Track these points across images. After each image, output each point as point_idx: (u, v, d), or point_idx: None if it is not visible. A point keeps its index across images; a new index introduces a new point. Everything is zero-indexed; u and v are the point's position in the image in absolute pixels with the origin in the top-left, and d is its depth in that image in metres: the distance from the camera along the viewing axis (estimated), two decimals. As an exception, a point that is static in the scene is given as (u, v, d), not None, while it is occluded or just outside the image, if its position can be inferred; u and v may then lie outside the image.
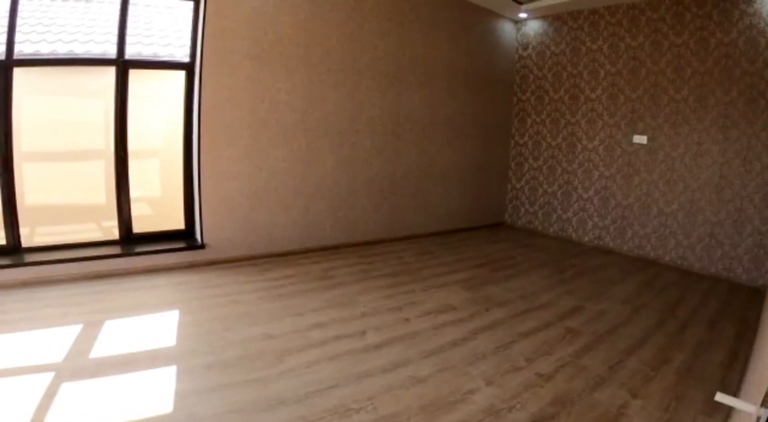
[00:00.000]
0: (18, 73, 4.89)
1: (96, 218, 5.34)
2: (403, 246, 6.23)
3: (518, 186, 7.79)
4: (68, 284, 4.50)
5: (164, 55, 5.39)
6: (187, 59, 5.05)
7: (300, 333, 3.60)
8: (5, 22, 4.71)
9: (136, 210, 5.06)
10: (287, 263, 5.21)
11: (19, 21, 5.34)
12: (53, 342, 3.36)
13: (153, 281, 4.58)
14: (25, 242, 4.87)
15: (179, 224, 5.19)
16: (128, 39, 5.19)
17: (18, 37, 5.20)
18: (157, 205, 5.63)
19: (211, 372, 3.03)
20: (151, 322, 3.74)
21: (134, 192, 4.99)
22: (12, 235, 4.83)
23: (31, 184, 5.09)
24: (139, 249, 4.84)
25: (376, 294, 4.48)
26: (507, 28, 7.37)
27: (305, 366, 3.13)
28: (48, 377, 2.89)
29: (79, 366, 3.02)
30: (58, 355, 3.16)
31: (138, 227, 5.03)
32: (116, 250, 4.81)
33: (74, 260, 4.57)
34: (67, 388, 2.79)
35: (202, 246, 4.95)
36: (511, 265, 5.66)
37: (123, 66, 4.86)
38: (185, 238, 5.16)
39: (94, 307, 3.99)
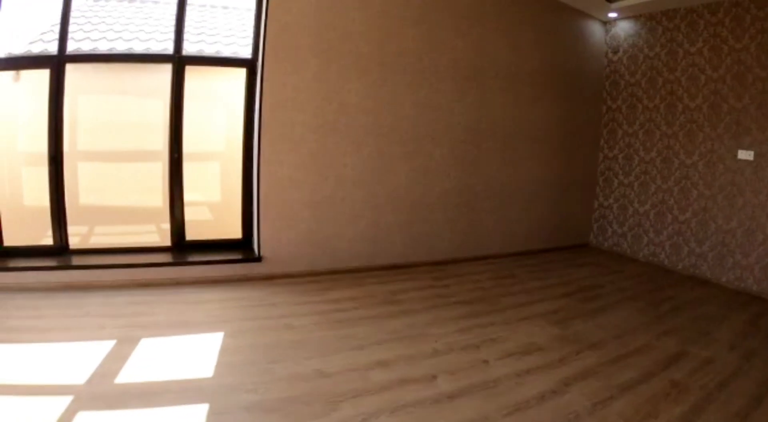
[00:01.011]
0: (75, 71, 4.69)
1: (148, 222, 5.05)
2: (481, 268, 5.50)
3: (606, 204, 6.95)
4: (112, 291, 4.24)
5: (227, 53, 5.09)
6: (248, 56, 4.69)
7: (358, 373, 3.02)
8: (58, 19, 4.45)
9: (193, 216, 4.72)
10: (351, 282, 4.65)
11: (82, 20, 5.24)
12: (81, 358, 3.07)
13: (202, 295, 4.18)
14: (77, 243, 4.68)
15: (236, 233, 4.78)
16: (191, 38, 4.91)
17: (78, 35, 5.04)
18: (215, 212, 5.26)
19: (249, 416, 2.52)
20: (190, 344, 3.33)
21: (191, 197, 4.66)
22: (60, 236, 4.64)
23: (85, 184, 4.90)
24: (190, 258, 4.49)
25: (449, 327, 3.81)
26: (595, 30, 6.57)
27: (361, 420, 2.55)
28: (64, 402, 2.58)
29: (100, 392, 2.69)
30: (81, 375, 2.86)
31: (192, 234, 4.68)
32: (166, 258, 4.49)
33: (121, 266, 4.30)
34: (81, 419, 2.45)
35: (259, 259, 4.50)
36: (600, 295, 4.84)
37: (179, 62, 4.51)
38: (241, 249, 4.73)
39: (134, 321, 3.68)
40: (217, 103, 5.08)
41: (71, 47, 4.70)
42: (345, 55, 4.63)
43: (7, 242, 4.70)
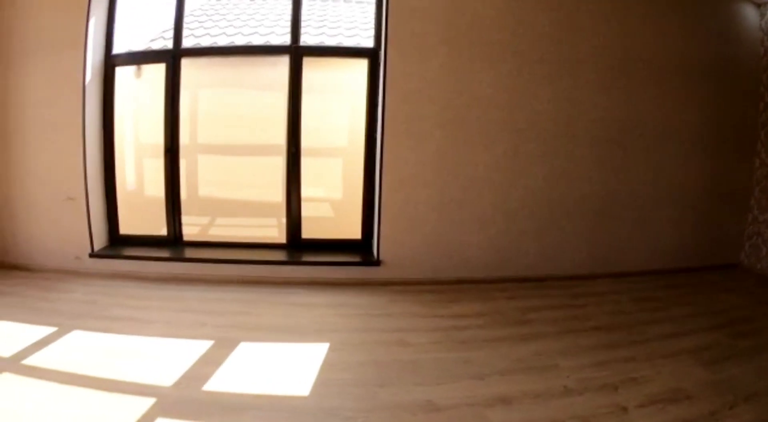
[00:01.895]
0: (195, 66, 4.58)
1: (265, 218, 4.89)
2: (621, 286, 4.72)
3: (761, 219, 5.95)
4: (221, 286, 4.17)
5: (348, 44, 4.78)
6: (370, 44, 4.32)
7: (475, 410, 2.50)
8: (172, 14, 4.51)
9: (311, 213, 4.51)
10: (477, 295, 4.10)
11: (203, 17, 5.16)
12: (174, 357, 3.03)
13: (312, 298, 3.90)
14: (192, 235, 4.71)
15: (355, 233, 4.46)
16: (311, 30, 4.68)
17: (198, 31, 4.96)
18: (335, 210, 4.96)
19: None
20: (291, 353, 3.09)
21: (311, 193, 4.47)
22: (174, 227, 4.68)
23: (204, 176, 4.83)
24: (304, 258, 4.24)
25: (584, 358, 3.14)
26: (747, 13, 5.61)
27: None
28: (145, 404, 2.49)
29: (185, 398, 2.57)
30: (170, 376, 2.78)
31: (309, 232, 4.45)
32: (280, 256, 4.28)
33: (232, 261, 4.19)
34: (159, 427, 2.29)
35: (378, 263, 4.13)
36: (756, 330, 3.89)
37: (295, 53, 4.25)
38: (360, 251, 4.40)
39: (236, 321, 3.56)
40: (339, 97, 4.79)
41: (191, 43, 4.63)
42: (475, 42, 4.14)
43: (125, 230, 4.89)
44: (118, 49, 4.71)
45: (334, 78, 4.68)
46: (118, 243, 4.83)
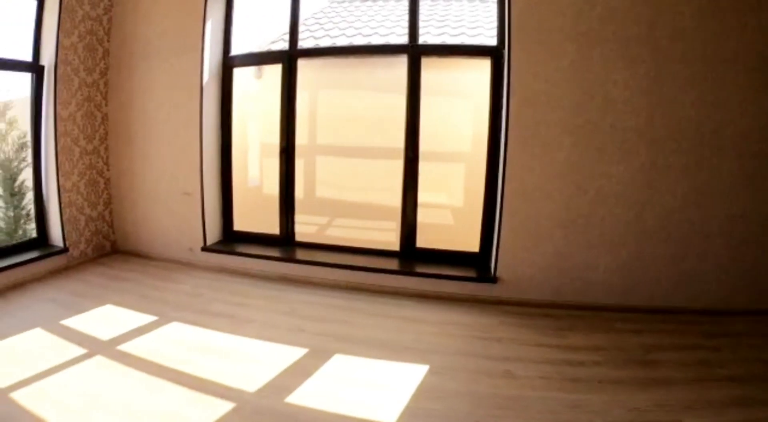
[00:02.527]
0: (314, 68, 4.56)
1: (380, 223, 4.75)
2: (763, 326, 3.93)
3: None
4: (326, 291, 4.11)
5: (469, 43, 4.53)
6: (492, 42, 4.03)
7: None
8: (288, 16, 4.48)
9: (428, 220, 4.30)
10: (597, 325, 3.63)
11: (324, 20, 5.15)
12: (264, 361, 3.00)
13: (419, 312, 3.67)
14: (306, 235, 4.67)
15: (473, 245, 4.15)
16: (432, 31, 4.49)
17: (317, 33, 4.94)
18: (454, 218, 4.73)
19: None
20: (385, 373, 2.88)
21: (430, 199, 4.29)
22: (287, 226, 4.68)
23: (322, 177, 4.82)
24: (416, 269, 4.03)
25: (712, 416, 2.57)
26: None
27: None
28: (222, 408, 2.49)
29: (264, 408, 2.51)
30: (254, 382, 2.75)
31: (424, 240, 4.24)
32: (391, 264, 4.11)
33: (342, 266, 4.12)
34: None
35: (494, 280, 3.81)
36: None
37: (413, 52, 4.03)
38: (476, 265, 4.09)
39: (335, 329, 3.44)
40: (461, 99, 4.53)
41: (311, 44, 4.61)
42: (608, 38, 3.69)
43: (240, 227, 5.00)
44: (235, 50, 4.79)
45: (455, 79, 4.44)
46: (231, 239, 4.94)
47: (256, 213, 5.01)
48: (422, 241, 4.26)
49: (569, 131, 3.69)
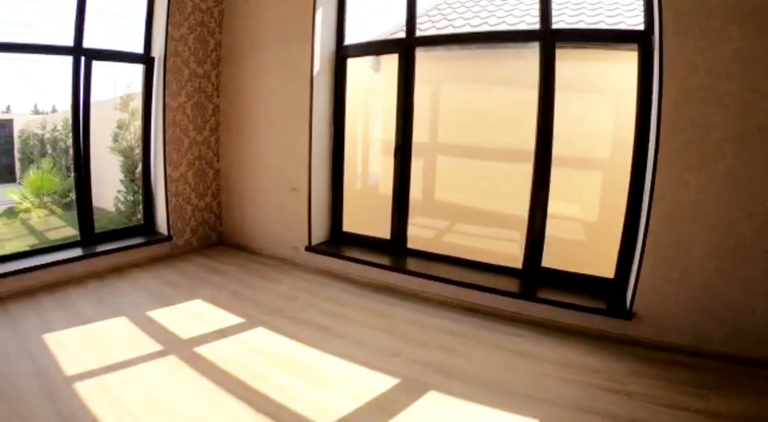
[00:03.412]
0: (432, 58, 4.20)
1: (504, 234, 4.31)
2: None
3: None
4: (433, 308, 3.78)
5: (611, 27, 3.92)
6: (639, 27, 3.42)
7: None
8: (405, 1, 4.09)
9: (557, 233, 3.78)
10: (748, 385, 2.91)
11: (447, 10, 4.77)
12: (345, 389, 2.68)
13: (536, 346, 3.20)
14: (419, 242, 4.31)
15: (606, 268, 3.56)
16: (568, 18, 3.95)
17: (440, 23, 4.59)
18: (588, 233, 4.17)
19: None
20: None
21: (560, 210, 3.79)
22: (398, 230, 4.37)
23: (443, 179, 4.49)
24: (539, 293, 3.53)
25: None
26: None
27: None
28: None
29: None
30: (329, 415, 2.45)
31: (550, 259, 3.72)
32: (511, 285, 3.66)
33: (454, 282, 3.73)
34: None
35: (629, 314, 3.23)
36: None
37: (546, 39, 3.52)
38: (608, 294, 3.51)
39: (434, 357, 3.04)
40: (600, 96, 3.95)
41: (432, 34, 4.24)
42: None
43: (349, 227, 4.79)
44: (350, 40, 4.59)
45: (594, 72, 3.86)
46: (338, 240, 4.79)
47: (367, 214, 4.84)
48: (548, 258, 3.76)
49: (734, 137, 3.02)
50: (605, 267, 3.53)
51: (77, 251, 4.49)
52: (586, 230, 4.08)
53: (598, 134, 3.84)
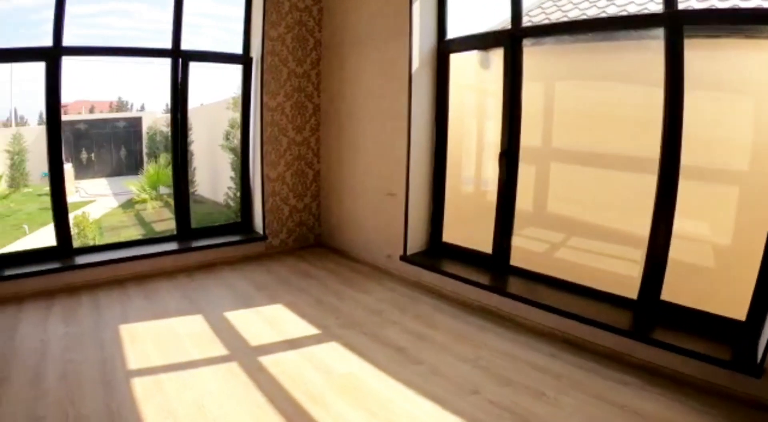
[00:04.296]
0: (543, 52, 3.76)
1: (616, 249, 3.68)
2: None
3: None
4: (530, 338, 3.36)
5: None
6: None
7: None
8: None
9: (680, 256, 3.12)
10: None
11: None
12: None
13: (643, 400, 2.63)
14: (524, 259, 3.86)
15: (737, 306, 2.85)
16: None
17: (552, 13, 4.09)
18: (717, 259, 3.37)
19: None
20: None
21: (685, 229, 3.11)
22: (500, 245, 3.98)
23: (555, 189, 3.98)
24: (656, 334, 2.93)
25: None
26: None
27: None
28: None
29: None
30: None
31: (670, 289, 3.08)
32: (622, 320, 3.12)
33: (558, 311, 3.22)
34: None
35: (758, 371, 2.55)
36: None
37: (672, 24, 2.95)
38: (735, 340, 2.84)
39: (518, 402, 2.58)
40: (742, 95, 3.22)
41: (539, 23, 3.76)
42: None
43: (450, 237, 4.48)
44: (452, 33, 4.28)
45: (732, 66, 3.15)
46: (436, 251, 4.53)
47: (470, 224, 4.52)
48: (669, 288, 3.12)
49: None
50: (736, 305, 2.85)
51: (172, 245, 4.75)
52: (715, 255, 3.33)
53: (735, 141, 3.12)
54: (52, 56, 4.11)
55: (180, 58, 4.59)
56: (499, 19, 3.99)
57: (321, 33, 5.13)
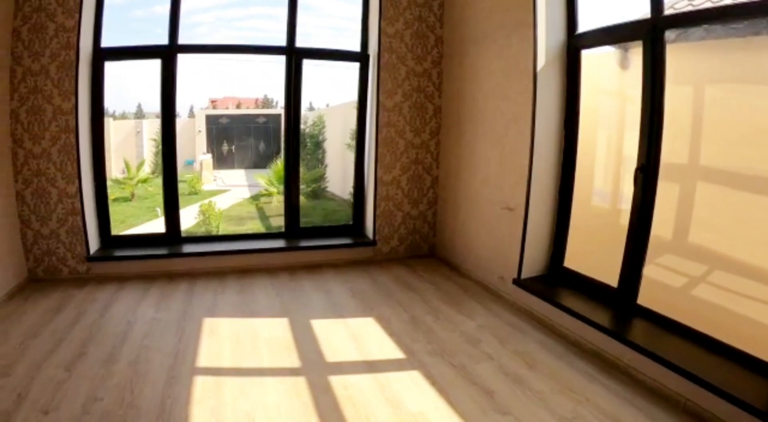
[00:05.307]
0: (694, 50, 3.04)
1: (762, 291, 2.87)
2: None
3: None
4: (649, 402, 2.68)
5: None
6: None
7: None
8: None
9: None
10: None
11: None
12: None
13: None
14: (654, 297, 3.15)
15: None
16: None
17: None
18: None
19: None
20: None
21: None
22: (627, 277, 3.28)
23: (700, 214, 3.18)
24: None
25: None
26: None
27: None
28: None
29: None
30: None
31: None
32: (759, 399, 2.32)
33: (682, 371, 2.49)
34: None
35: None
36: None
37: None
38: None
39: None
40: None
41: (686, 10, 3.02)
42: None
43: (572, 262, 3.85)
44: (584, 26, 3.61)
45: None
46: (555, 277, 3.90)
47: (597, 249, 3.83)
48: None
49: None
50: None
51: (277, 243, 4.80)
52: None
53: None
54: (167, 54, 4.44)
55: (293, 55, 4.58)
56: (644, 11, 3.32)
57: (442, 29, 4.76)
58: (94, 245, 4.49)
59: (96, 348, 3.12)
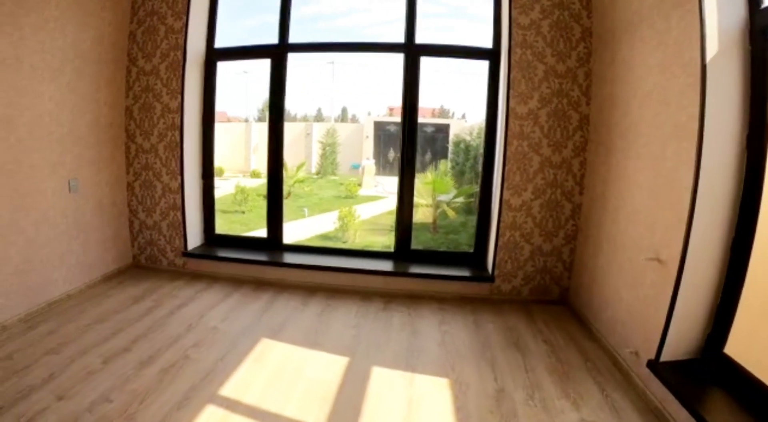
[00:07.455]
0: None
1: None
2: None
3: None
4: None
5: None
6: None
7: None
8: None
9: None
10: None
11: None
12: None
13: None
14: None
15: None
16: None
17: None
18: None
19: None
20: None
21: None
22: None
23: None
24: None
25: None
26: None
27: None
28: None
29: None
30: None
31: None
32: None
33: None
34: None
35: None
36: None
37: None
38: None
39: None
40: None
41: None
42: None
43: (741, 351, 2.53)
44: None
45: None
46: (711, 366, 2.55)
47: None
48: None
49: None
50: None
51: (381, 265, 4.27)
52: None
53: None
54: (278, 53, 4.34)
55: (412, 52, 4.06)
56: None
57: (590, 19, 3.69)
58: (195, 241, 4.59)
59: (142, 347, 3.09)
